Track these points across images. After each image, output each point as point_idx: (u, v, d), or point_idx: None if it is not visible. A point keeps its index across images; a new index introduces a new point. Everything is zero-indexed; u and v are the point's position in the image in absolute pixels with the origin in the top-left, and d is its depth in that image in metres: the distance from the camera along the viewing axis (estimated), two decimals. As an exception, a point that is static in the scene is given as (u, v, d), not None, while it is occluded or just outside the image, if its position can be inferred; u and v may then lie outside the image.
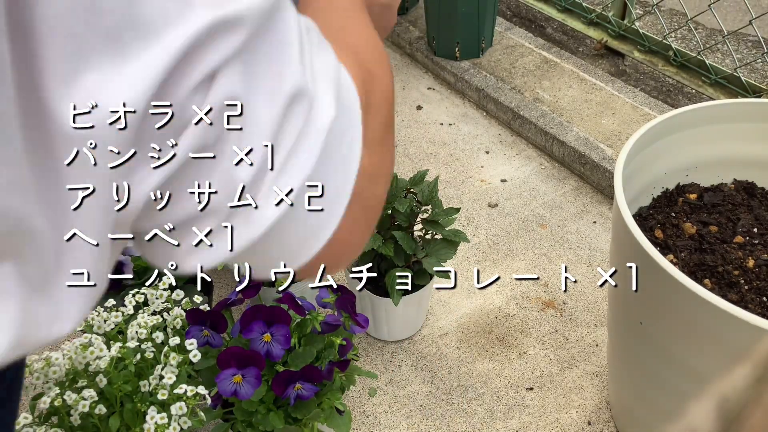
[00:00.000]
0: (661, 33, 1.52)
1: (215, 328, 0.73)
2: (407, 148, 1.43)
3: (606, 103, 1.39)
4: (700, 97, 1.44)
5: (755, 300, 0.66)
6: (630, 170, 0.72)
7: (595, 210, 1.24)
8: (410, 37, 1.75)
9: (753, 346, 0.52)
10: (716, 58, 1.70)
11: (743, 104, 0.77)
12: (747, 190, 0.81)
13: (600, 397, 0.92)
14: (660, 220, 0.77)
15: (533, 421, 0.89)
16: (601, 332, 1.01)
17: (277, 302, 0.73)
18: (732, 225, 0.75)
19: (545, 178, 1.33)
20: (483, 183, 1.32)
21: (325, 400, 0.73)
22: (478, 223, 1.23)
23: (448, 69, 1.60)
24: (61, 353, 0.68)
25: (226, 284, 1.14)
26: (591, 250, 1.16)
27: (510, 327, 1.03)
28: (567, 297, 1.07)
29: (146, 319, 0.71)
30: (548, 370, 0.96)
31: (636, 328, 0.68)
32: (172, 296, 0.77)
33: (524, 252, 1.16)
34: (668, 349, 0.63)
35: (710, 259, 0.70)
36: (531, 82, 1.50)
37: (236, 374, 0.67)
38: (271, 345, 0.70)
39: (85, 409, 0.63)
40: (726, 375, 0.19)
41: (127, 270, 0.83)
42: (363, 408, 0.93)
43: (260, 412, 0.71)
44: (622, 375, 0.78)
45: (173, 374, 0.65)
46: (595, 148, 1.27)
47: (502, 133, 1.46)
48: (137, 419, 0.66)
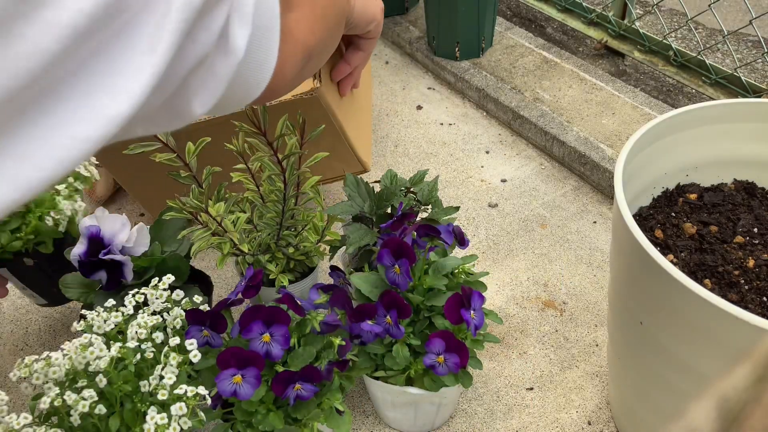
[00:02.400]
0: (661, 33, 1.52)
1: (215, 328, 0.73)
2: (407, 148, 1.43)
3: (606, 103, 1.39)
4: (700, 97, 1.44)
5: (755, 300, 0.66)
6: (630, 170, 0.72)
7: (595, 210, 1.24)
8: (410, 37, 1.75)
9: (753, 346, 0.52)
10: (716, 58, 1.70)
11: (743, 104, 0.77)
12: (747, 190, 0.80)
13: (600, 397, 0.92)
14: (660, 220, 0.77)
15: (533, 421, 0.89)
16: (601, 332, 1.01)
17: (277, 302, 0.73)
18: (732, 225, 0.75)
19: (545, 178, 1.33)
20: (483, 183, 1.32)
21: (325, 401, 0.73)
22: (478, 223, 1.23)
23: (448, 69, 1.60)
24: (61, 353, 0.68)
25: (226, 284, 1.14)
26: (591, 250, 1.15)
27: (510, 327, 1.03)
28: (567, 297, 1.07)
29: (146, 319, 0.71)
30: (548, 370, 0.96)
31: (636, 328, 0.68)
32: (172, 296, 0.77)
33: (524, 252, 1.16)
34: (668, 349, 0.63)
35: (710, 259, 0.70)
36: (531, 82, 1.50)
37: (236, 374, 0.67)
38: (271, 345, 0.70)
39: (85, 409, 0.63)
40: (726, 375, 0.19)
41: (127, 270, 0.83)
42: (363, 408, 0.93)
43: (260, 412, 0.71)
44: (622, 375, 0.78)
45: (173, 374, 0.65)
46: (595, 148, 1.27)
47: (502, 133, 1.46)
48: (137, 419, 0.66)
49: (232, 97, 0.28)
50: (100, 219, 0.83)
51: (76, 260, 0.82)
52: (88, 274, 0.82)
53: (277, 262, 0.90)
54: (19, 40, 0.17)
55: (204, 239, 0.81)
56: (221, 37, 0.25)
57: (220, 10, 0.24)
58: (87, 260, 0.81)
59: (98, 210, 0.86)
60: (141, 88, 0.21)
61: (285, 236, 0.88)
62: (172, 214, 0.80)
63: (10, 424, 0.62)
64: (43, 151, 0.19)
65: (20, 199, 0.19)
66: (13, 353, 1.04)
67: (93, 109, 0.20)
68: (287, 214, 0.84)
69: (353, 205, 0.88)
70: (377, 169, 1.38)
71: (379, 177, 1.33)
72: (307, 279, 0.93)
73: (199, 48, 0.24)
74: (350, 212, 0.87)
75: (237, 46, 0.26)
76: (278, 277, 0.88)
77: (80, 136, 0.20)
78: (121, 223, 0.84)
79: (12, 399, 0.96)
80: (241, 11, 0.25)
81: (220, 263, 0.82)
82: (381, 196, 0.87)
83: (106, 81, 0.20)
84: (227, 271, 1.16)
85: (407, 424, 0.87)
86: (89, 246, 0.82)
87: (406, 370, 0.78)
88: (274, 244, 0.88)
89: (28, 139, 0.19)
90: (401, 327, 0.74)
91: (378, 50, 1.81)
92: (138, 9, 0.20)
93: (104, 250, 0.82)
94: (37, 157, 0.19)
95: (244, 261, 0.90)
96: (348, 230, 0.86)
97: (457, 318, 0.72)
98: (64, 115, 0.19)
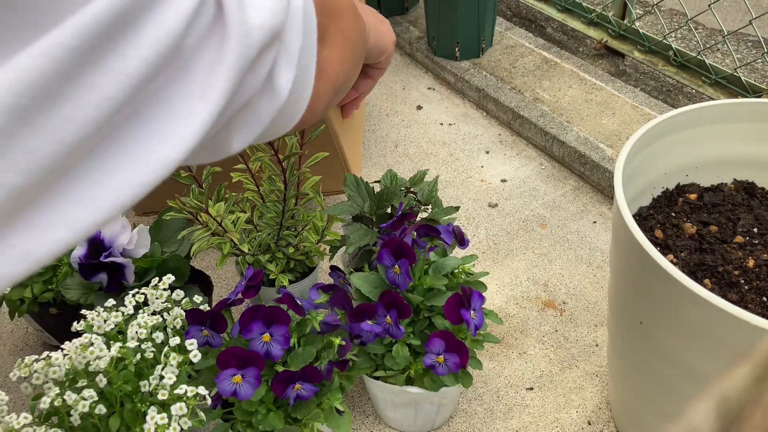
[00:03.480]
0: (661, 33, 1.52)
1: (215, 328, 0.73)
2: (407, 148, 1.43)
3: (606, 103, 1.39)
4: (700, 97, 1.44)
5: (755, 300, 0.66)
6: (630, 170, 0.72)
7: (595, 210, 1.24)
8: (410, 37, 1.75)
9: (753, 346, 0.52)
10: (716, 58, 1.70)
11: (743, 104, 0.77)
12: (747, 190, 0.80)
13: (600, 397, 0.92)
14: (660, 220, 0.77)
15: (533, 421, 0.89)
16: (601, 332, 1.01)
17: (277, 302, 0.73)
18: (732, 225, 0.75)
19: (545, 178, 1.33)
20: (483, 183, 1.32)
21: (325, 401, 0.73)
22: (478, 223, 1.23)
23: (448, 69, 1.60)
24: (61, 353, 0.68)
25: (226, 284, 1.14)
26: (591, 250, 1.15)
27: (510, 327, 1.03)
28: (567, 297, 1.07)
29: (146, 319, 0.71)
30: (548, 370, 0.96)
31: (636, 328, 0.68)
32: (172, 296, 0.77)
33: (524, 252, 1.16)
34: (668, 349, 0.63)
35: (710, 259, 0.70)
36: (531, 82, 1.50)
37: (236, 374, 0.67)
38: (271, 345, 0.70)
39: (85, 409, 0.63)
40: (726, 375, 0.19)
41: (128, 273, 0.83)
42: (363, 408, 0.93)
43: (260, 412, 0.71)
44: (622, 375, 0.78)
45: (173, 374, 0.65)
46: (595, 148, 1.27)
47: (502, 133, 1.46)
48: (137, 419, 0.66)
49: (268, 134, 0.28)
50: (100, 219, 0.83)
51: (76, 262, 0.82)
52: (88, 276, 0.82)
53: (277, 262, 0.90)
54: (89, 90, 0.18)
55: (204, 239, 0.81)
56: (267, 80, 0.25)
57: (270, 54, 0.24)
58: (87, 262, 0.81)
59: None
60: (193, 134, 0.21)
61: (285, 236, 0.88)
62: (172, 215, 0.80)
63: (10, 424, 0.62)
64: (101, 195, 0.19)
65: (75, 242, 0.20)
66: (13, 353, 1.04)
67: (148, 155, 0.20)
68: (287, 214, 0.84)
69: (353, 205, 0.88)
70: (377, 169, 1.38)
71: (379, 177, 1.33)
72: (307, 279, 0.93)
73: (247, 92, 0.24)
74: (350, 212, 0.87)
75: (282, 88, 0.26)
76: (278, 277, 0.88)
77: (134, 182, 0.20)
78: (122, 225, 0.84)
79: (12, 399, 0.96)
80: (287, 53, 0.25)
81: (220, 263, 0.82)
82: (381, 196, 0.87)
83: (160, 127, 0.21)
84: (227, 271, 1.16)
85: (407, 424, 0.87)
86: (89, 248, 0.82)
87: (406, 370, 0.78)
88: (274, 244, 0.88)
89: (87, 184, 0.19)
90: (401, 327, 0.74)
91: (378, 50, 1.81)
92: (189, 53, 0.21)
93: (105, 253, 0.82)
94: (96, 201, 0.19)
95: (244, 261, 0.90)
96: (348, 230, 0.86)
97: (457, 318, 0.72)
98: (122, 160, 0.20)
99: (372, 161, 1.40)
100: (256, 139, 0.27)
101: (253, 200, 0.87)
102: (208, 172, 0.79)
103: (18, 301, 0.87)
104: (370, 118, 1.54)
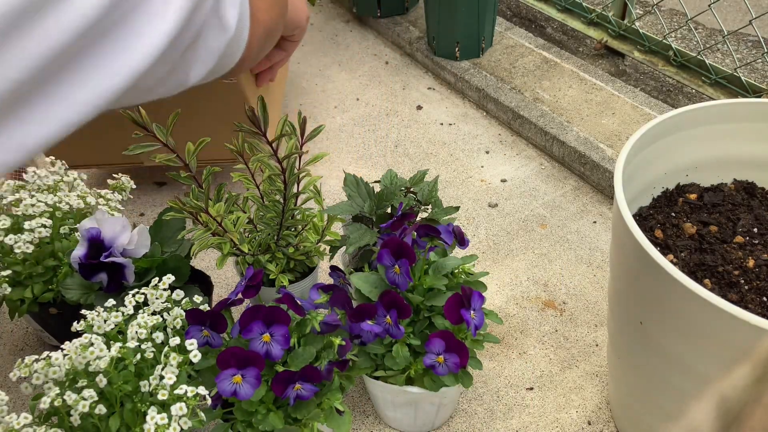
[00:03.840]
0: (661, 33, 1.52)
1: (215, 328, 0.73)
2: (407, 148, 1.43)
3: (606, 103, 1.39)
4: (700, 97, 1.44)
5: (755, 300, 0.66)
6: (630, 170, 0.72)
7: (595, 210, 1.24)
8: (410, 37, 1.75)
9: (753, 346, 0.52)
10: (716, 58, 1.70)
11: (743, 104, 0.77)
12: (747, 190, 0.80)
13: (600, 397, 0.92)
14: (660, 220, 0.77)
15: (533, 421, 0.89)
16: (601, 332, 1.01)
17: (277, 302, 0.73)
18: (732, 225, 0.75)
19: (545, 178, 1.33)
20: (483, 183, 1.32)
21: (325, 401, 0.73)
22: (478, 223, 1.23)
23: (448, 69, 1.60)
24: (61, 353, 0.68)
25: (226, 284, 1.14)
26: (591, 250, 1.15)
27: (510, 327, 1.03)
28: (567, 297, 1.07)
29: (146, 319, 0.71)
30: (548, 370, 0.96)
31: (636, 328, 0.68)
32: (172, 296, 0.77)
33: (524, 252, 1.16)
34: (668, 349, 0.63)
35: (710, 259, 0.70)
36: (531, 82, 1.50)
37: (236, 374, 0.67)
38: (271, 345, 0.70)
39: (85, 409, 0.63)
40: (726, 375, 0.19)
41: (129, 273, 0.83)
42: (363, 408, 0.93)
43: (260, 412, 0.71)
44: (622, 375, 0.78)
45: (173, 374, 0.65)
46: (595, 148, 1.27)
47: (502, 133, 1.46)
48: (137, 419, 0.66)
49: (217, 69, 0.33)
50: (100, 221, 0.83)
51: (76, 262, 0.82)
52: (88, 276, 0.82)
53: (277, 262, 0.90)
54: (69, 7, 0.21)
55: (204, 239, 0.81)
56: (215, 14, 0.29)
57: None
58: (87, 262, 0.81)
59: (98, 212, 0.86)
60: (155, 47, 0.25)
61: (285, 236, 0.88)
62: (172, 215, 0.80)
63: (10, 424, 0.62)
64: (82, 96, 0.23)
65: (61, 136, 0.23)
66: (13, 353, 1.04)
67: (120, 63, 0.24)
68: (287, 214, 0.84)
69: (353, 205, 0.88)
70: (377, 169, 1.38)
71: (379, 177, 1.33)
72: (307, 279, 0.93)
73: (198, 23, 0.28)
74: (350, 212, 0.87)
75: (229, 24, 0.31)
76: (278, 277, 0.88)
77: (108, 85, 0.24)
78: (122, 225, 0.84)
79: (12, 399, 0.96)
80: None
81: (220, 263, 0.82)
82: (381, 196, 0.87)
83: (128, 43, 0.24)
84: (227, 271, 1.16)
85: (407, 424, 0.87)
86: (89, 248, 0.82)
87: (406, 370, 0.78)
88: (274, 244, 0.88)
89: (71, 86, 0.23)
90: (401, 327, 0.74)
91: (378, 50, 1.81)
92: None
93: (105, 253, 0.82)
94: (78, 101, 0.23)
95: (244, 261, 0.90)
96: (348, 230, 0.86)
97: (457, 318, 0.72)
98: (98, 67, 0.24)
99: (372, 161, 1.40)
100: (209, 72, 0.32)
101: (253, 200, 0.87)
102: (208, 172, 0.78)
103: (18, 301, 0.87)
104: (370, 117, 1.54)
